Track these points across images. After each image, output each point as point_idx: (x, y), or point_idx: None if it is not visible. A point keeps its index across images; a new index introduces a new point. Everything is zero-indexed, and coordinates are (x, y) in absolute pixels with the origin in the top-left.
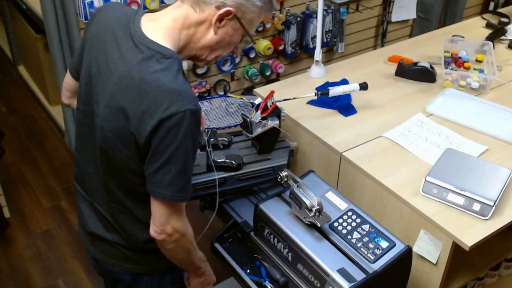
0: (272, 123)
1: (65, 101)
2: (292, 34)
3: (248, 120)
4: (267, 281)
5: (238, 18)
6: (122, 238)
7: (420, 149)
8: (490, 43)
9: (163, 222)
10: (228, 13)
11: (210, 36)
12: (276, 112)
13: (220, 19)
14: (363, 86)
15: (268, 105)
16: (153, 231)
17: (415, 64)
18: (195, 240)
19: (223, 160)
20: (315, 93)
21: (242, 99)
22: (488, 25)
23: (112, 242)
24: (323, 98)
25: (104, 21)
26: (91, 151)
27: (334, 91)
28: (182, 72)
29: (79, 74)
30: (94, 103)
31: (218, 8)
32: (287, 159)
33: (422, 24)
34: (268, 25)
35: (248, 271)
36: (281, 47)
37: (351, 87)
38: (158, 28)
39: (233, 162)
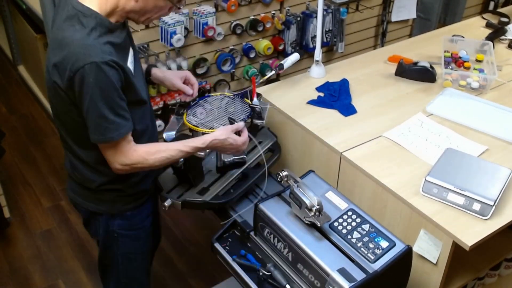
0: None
1: None
2: (292, 34)
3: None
4: (259, 266)
5: None
6: (79, 179)
7: (420, 149)
8: (490, 43)
9: (110, 161)
10: None
11: (132, 3)
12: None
13: None
14: (300, 53)
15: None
16: (113, 169)
17: (415, 64)
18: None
19: (232, 159)
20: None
21: (224, 94)
22: (488, 25)
23: (75, 180)
24: (323, 98)
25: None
26: None
27: (286, 64)
28: (104, 31)
29: None
30: None
31: None
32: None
33: (422, 24)
34: (268, 25)
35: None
36: (281, 47)
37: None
38: None
39: (244, 156)
